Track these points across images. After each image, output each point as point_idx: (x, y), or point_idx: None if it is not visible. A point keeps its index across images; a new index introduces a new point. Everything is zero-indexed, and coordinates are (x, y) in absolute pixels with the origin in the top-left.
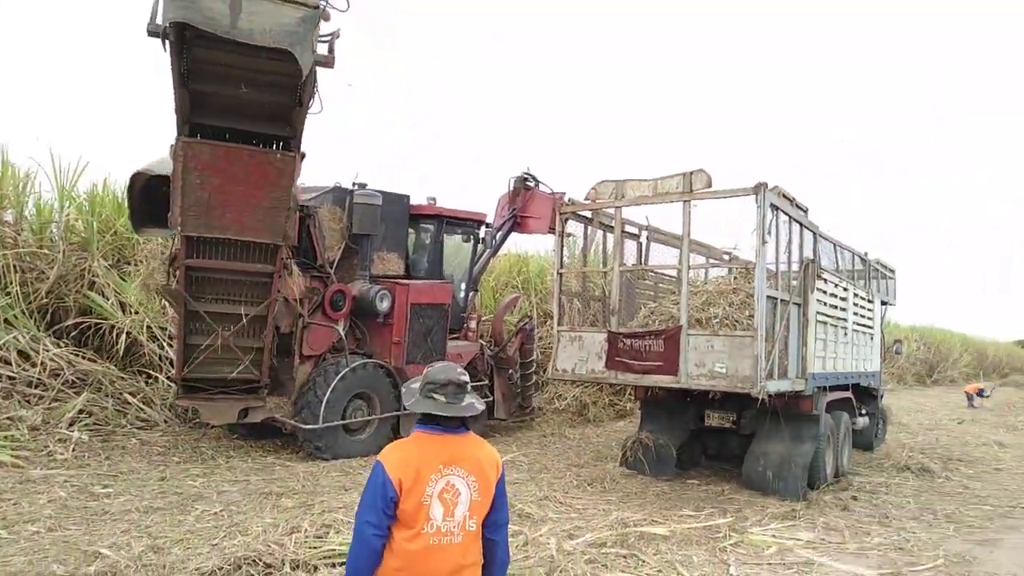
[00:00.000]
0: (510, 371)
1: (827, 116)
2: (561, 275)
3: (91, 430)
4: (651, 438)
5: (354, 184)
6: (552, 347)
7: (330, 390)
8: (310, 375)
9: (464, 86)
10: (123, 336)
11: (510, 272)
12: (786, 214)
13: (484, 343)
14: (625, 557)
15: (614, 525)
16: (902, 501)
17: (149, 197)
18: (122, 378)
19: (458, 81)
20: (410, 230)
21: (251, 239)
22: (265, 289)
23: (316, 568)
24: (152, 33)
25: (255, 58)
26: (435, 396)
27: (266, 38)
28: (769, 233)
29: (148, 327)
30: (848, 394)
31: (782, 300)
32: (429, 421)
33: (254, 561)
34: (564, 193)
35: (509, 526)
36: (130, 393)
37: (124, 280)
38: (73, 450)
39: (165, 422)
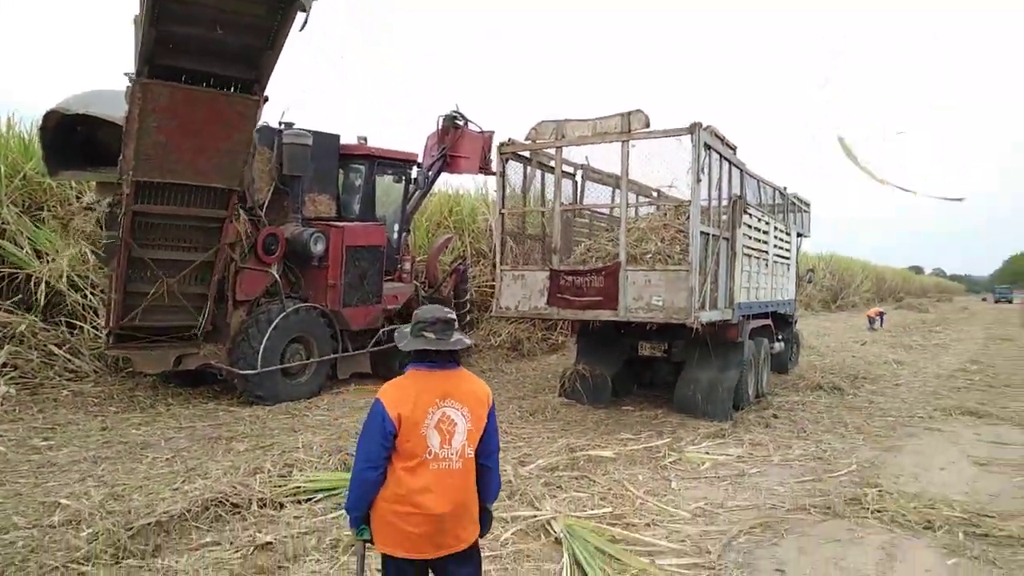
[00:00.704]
0: None
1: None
2: (503, 215)
3: (17, 383)
4: (588, 369)
5: (281, 123)
6: (486, 285)
7: (267, 335)
8: (244, 321)
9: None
10: (42, 285)
11: (441, 211)
12: (718, 153)
13: (418, 284)
14: (577, 478)
15: (561, 451)
16: (817, 417)
17: (64, 138)
18: (45, 329)
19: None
20: (340, 171)
21: (205, 184)
22: (213, 234)
23: (283, 505)
24: None
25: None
26: (425, 334)
27: None
28: (703, 171)
29: (68, 276)
30: (768, 321)
31: (713, 235)
32: (422, 359)
33: (221, 502)
34: (493, 132)
35: None
36: (55, 344)
37: (38, 227)
38: (1, 404)
39: (95, 372)
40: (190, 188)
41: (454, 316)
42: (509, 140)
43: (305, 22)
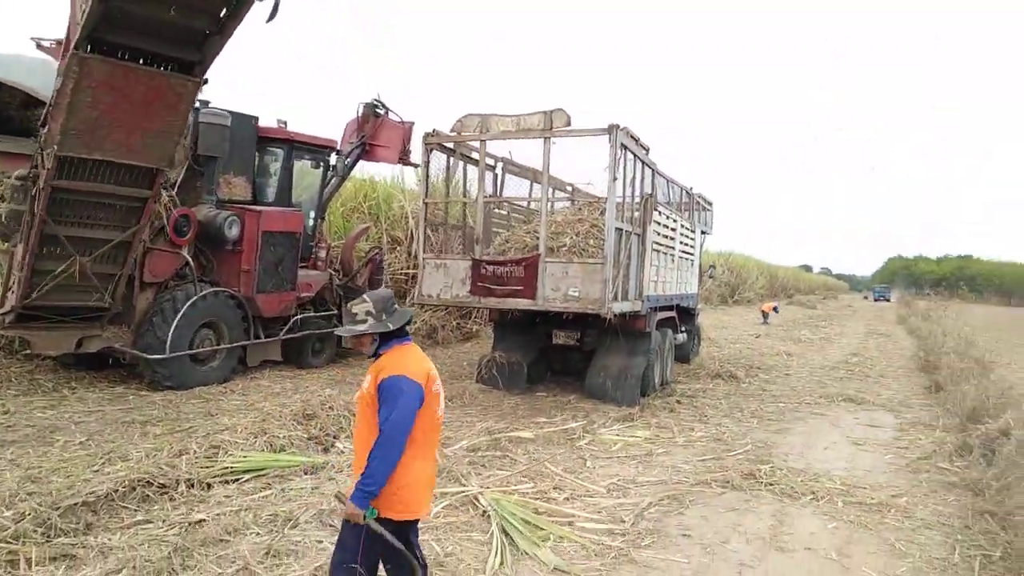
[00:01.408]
0: None
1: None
2: (427, 204)
3: None
4: (504, 356)
5: (199, 102)
6: (400, 272)
7: (177, 319)
8: (151, 304)
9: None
10: None
11: (356, 197)
12: (632, 153)
13: (333, 272)
14: (499, 458)
15: (482, 433)
16: (716, 403)
17: None
18: None
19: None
20: (257, 153)
21: (134, 162)
22: (133, 214)
23: (210, 486)
24: None
25: None
26: (399, 310)
27: None
28: (619, 170)
29: None
30: (673, 314)
31: (627, 231)
32: (403, 335)
33: (148, 483)
34: (413, 123)
35: None
36: None
37: None
38: None
39: None
40: (116, 166)
41: None
42: (434, 131)
43: (273, 14)
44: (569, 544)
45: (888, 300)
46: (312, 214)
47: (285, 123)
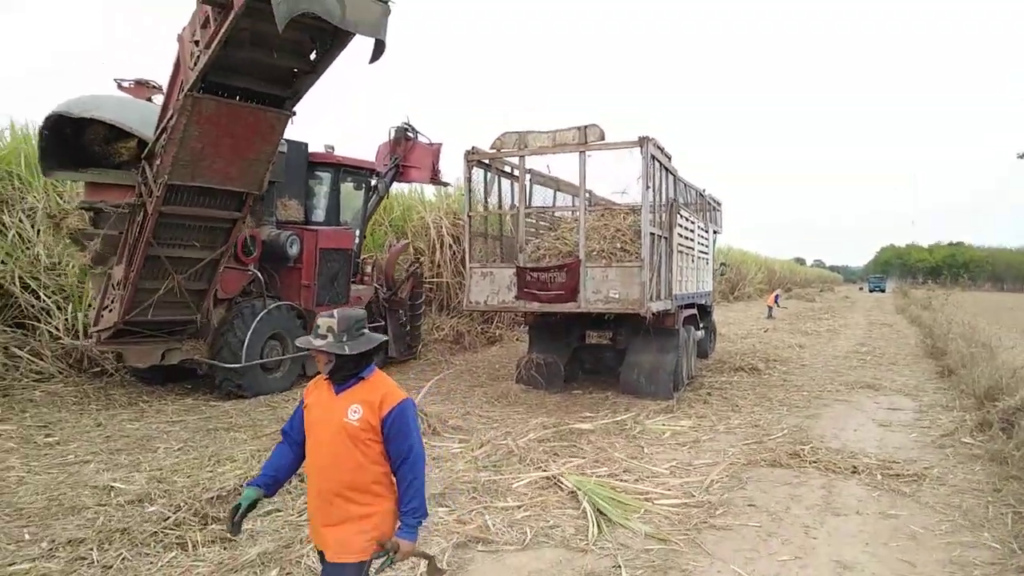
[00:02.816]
0: (400, 312)
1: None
2: (471, 217)
3: None
4: (541, 357)
5: None
6: (429, 282)
7: (251, 331)
8: (225, 317)
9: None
10: None
11: (379, 211)
12: (659, 163)
13: (377, 287)
14: (567, 447)
15: (539, 427)
16: (744, 394)
17: (59, 139)
18: (3, 331)
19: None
20: (307, 177)
21: (230, 188)
22: (222, 235)
23: None
24: (280, 21)
25: (294, 31)
26: (367, 334)
27: (365, 30)
28: (650, 179)
29: (20, 277)
30: (695, 311)
31: (658, 235)
32: (367, 362)
33: None
34: (441, 144)
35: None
36: (16, 347)
37: None
38: None
39: (60, 372)
40: (214, 191)
41: None
42: (474, 148)
43: (377, 56)
44: (652, 515)
45: (884, 291)
46: (357, 232)
47: (332, 148)
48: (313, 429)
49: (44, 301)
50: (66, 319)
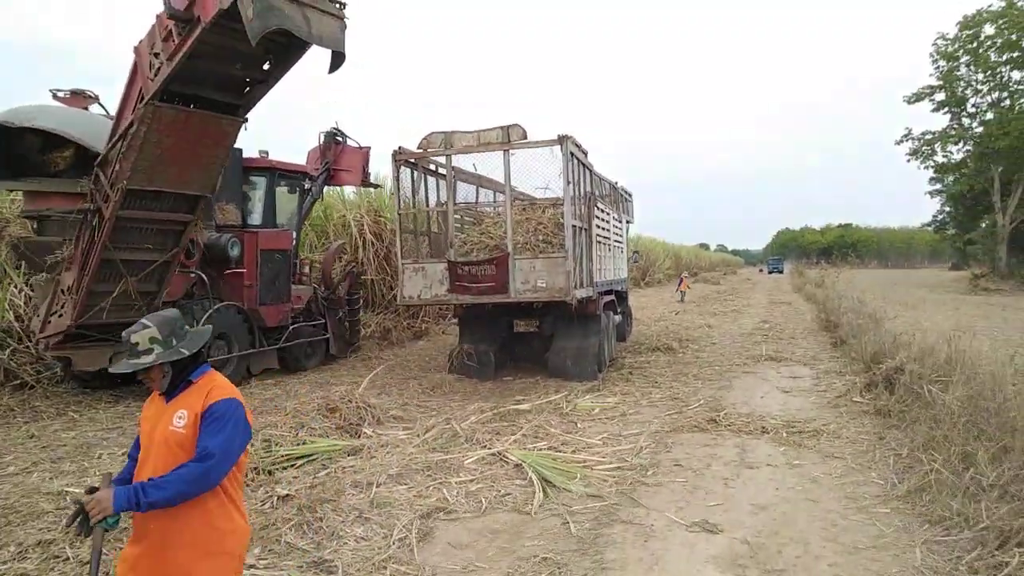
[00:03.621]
0: (339, 311)
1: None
2: (401, 215)
3: None
4: (473, 347)
5: None
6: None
7: None
8: None
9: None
10: None
11: None
12: (577, 159)
13: (316, 286)
14: (507, 426)
15: (477, 411)
16: (662, 371)
17: None
18: None
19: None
20: (243, 181)
21: (185, 191)
22: (174, 237)
23: (271, 472)
24: (253, 37)
25: (249, 43)
26: (190, 330)
27: (328, 43)
28: (571, 175)
29: None
30: (612, 297)
31: (578, 227)
32: (202, 360)
33: None
34: (370, 147)
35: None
36: None
37: None
38: None
39: (38, 382)
40: (168, 195)
41: None
42: (400, 148)
43: (335, 66)
44: (591, 480)
45: (781, 272)
46: (293, 235)
47: (266, 153)
48: (143, 443)
49: None
50: None
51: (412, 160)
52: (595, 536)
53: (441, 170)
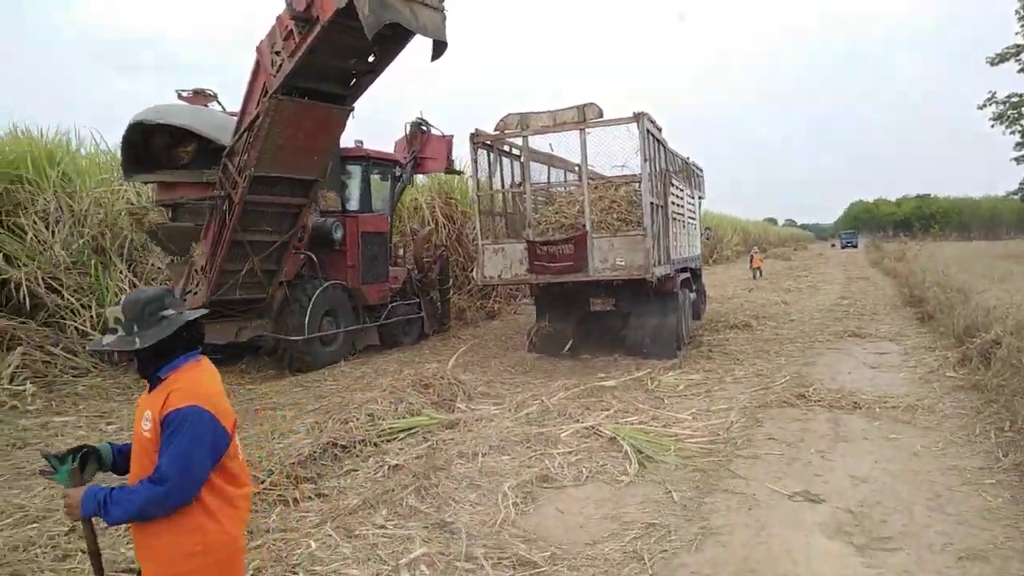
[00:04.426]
0: (431, 292)
1: None
2: (479, 196)
3: (33, 382)
4: (550, 326)
5: None
6: (425, 261)
7: (310, 308)
8: (286, 297)
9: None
10: (22, 288)
11: None
12: (653, 136)
13: (410, 268)
14: (596, 401)
15: (561, 389)
16: (742, 348)
17: (134, 145)
18: (38, 330)
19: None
20: (341, 169)
21: (302, 176)
22: (292, 219)
23: (377, 444)
24: (369, 31)
25: (362, 38)
26: (166, 312)
27: (432, 33)
28: (647, 152)
29: (42, 279)
30: (688, 275)
31: (656, 204)
32: (196, 344)
33: (334, 444)
34: (453, 135)
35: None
36: (50, 345)
37: (12, 234)
38: (31, 402)
39: (95, 367)
40: (288, 180)
41: None
42: (477, 131)
43: (439, 54)
44: (686, 452)
45: (855, 246)
46: (388, 218)
47: (361, 142)
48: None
49: (68, 300)
50: (91, 316)
51: (489, 142)
52: (698, 504)
53: (515, 151)
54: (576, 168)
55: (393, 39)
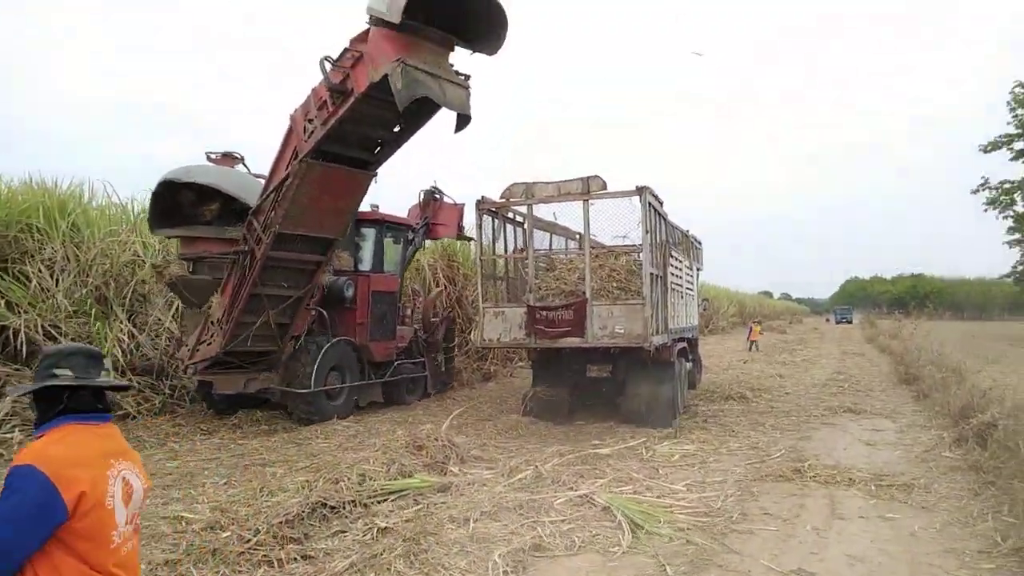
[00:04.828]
0: (435, 353)
1: None
2: (482, 261)
3: (21, 430)
4: (546, 391)
5: None
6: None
7: (317, 362)
8: (295, 351)
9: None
10: (20, 336)
11: None
12: (654, 208)
13: (416, 327)
14: (590, 469)
15: (556, 455)
16: (737, 420)
17: (162, 200)
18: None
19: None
20: (354, 231)
21: (322, 235)
22: (308, 275)
23: (367, 505)
24: (401, 104)
25: (390, 110)
26: (58, 371)
27: (458, 107)
28: (649, 224)
29: (42, 326)
30: (684, 344)
31: (656, 275)
32: (74, 410)
33: (323, 504)
34: (464, 204)
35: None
36: None
37: (17, 281)
38: (16, 450)
39: (139, 413)
40: (309, 238)
41: (100, 351)
42: (483, 198)
43: (463, 126)
44: (680, 524)
45: (851, 322)
46: (398, 280)
47: (376, 207)
48: None
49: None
50: None
51: (494, 208)
52: None
53: (519, 218)
54: (578, 236)
55: (418, 112)
